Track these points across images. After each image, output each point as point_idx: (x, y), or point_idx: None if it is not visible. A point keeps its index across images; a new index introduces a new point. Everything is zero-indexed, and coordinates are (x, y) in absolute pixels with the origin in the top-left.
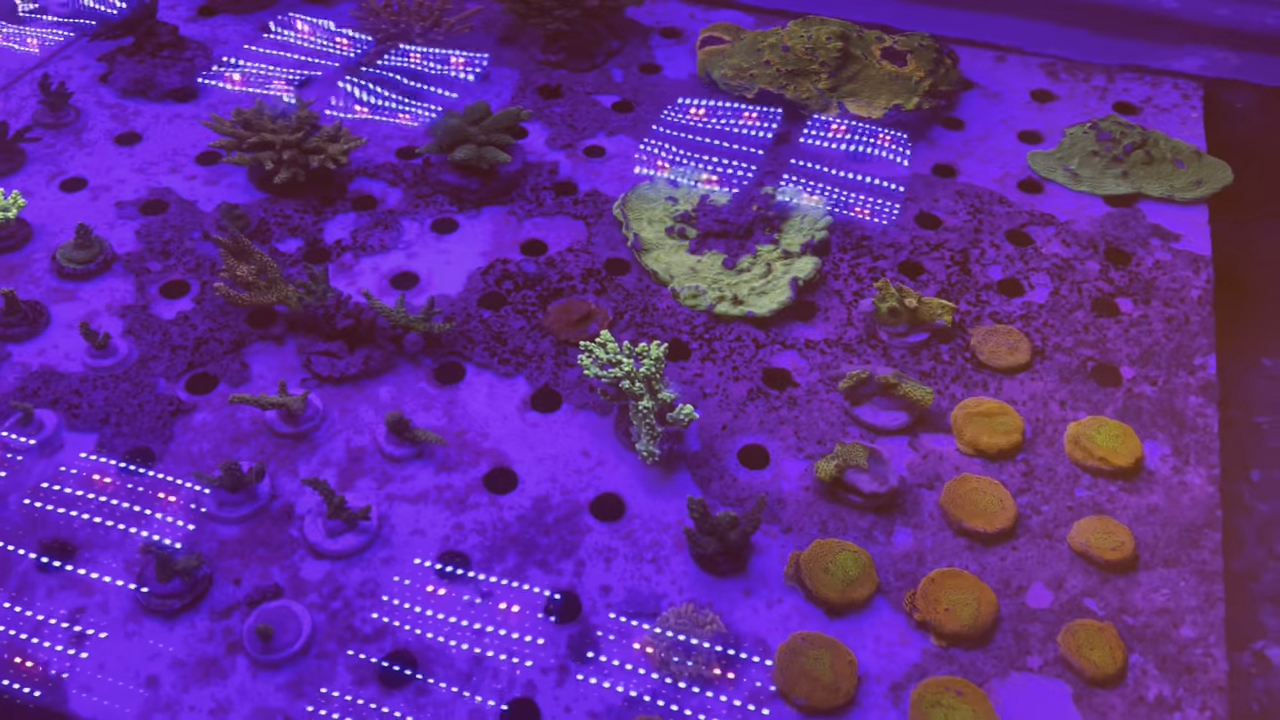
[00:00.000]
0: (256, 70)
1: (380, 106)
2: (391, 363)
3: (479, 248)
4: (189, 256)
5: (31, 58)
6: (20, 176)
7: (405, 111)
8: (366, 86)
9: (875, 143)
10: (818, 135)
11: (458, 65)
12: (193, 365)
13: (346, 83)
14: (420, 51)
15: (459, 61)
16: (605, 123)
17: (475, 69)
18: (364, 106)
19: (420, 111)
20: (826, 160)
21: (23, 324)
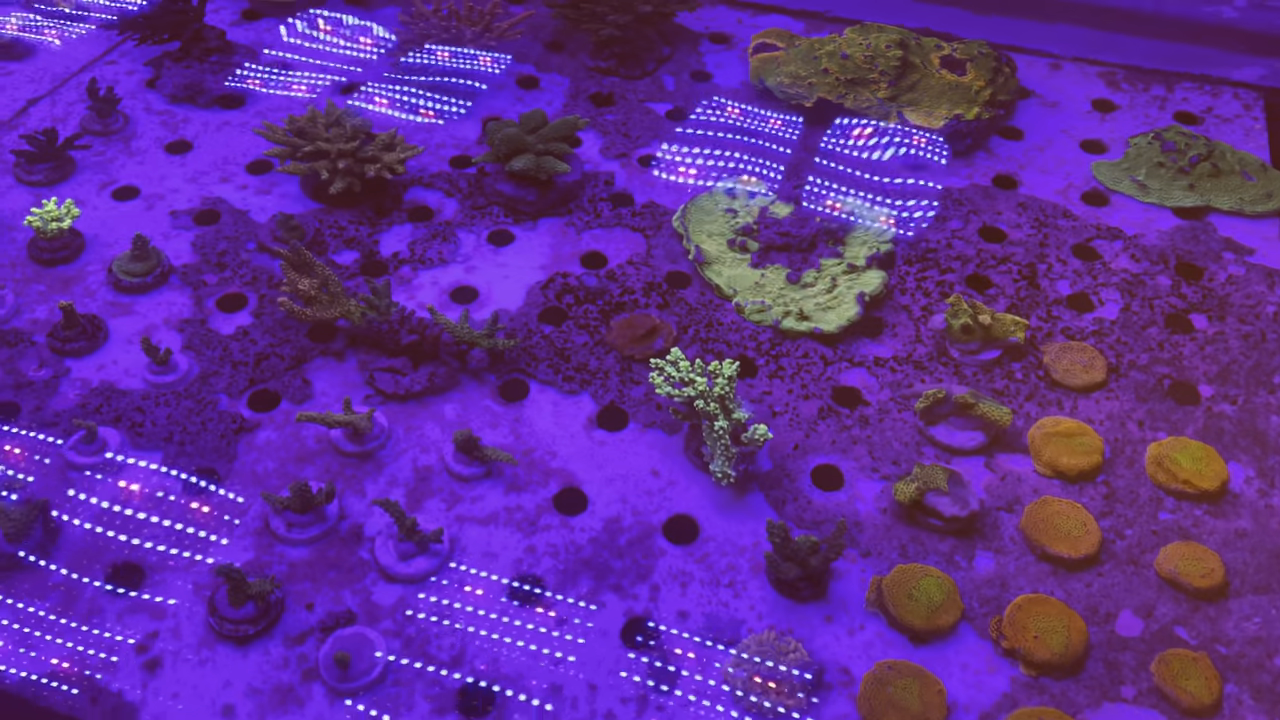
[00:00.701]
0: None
1: (426, 109)
2: (456, 379)
3: (537, 261)
4: (245, 269)
5: (76, 61)
6: (71, 185)
7: (442, 113)
8: (414, 91)
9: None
10: (842, 141)
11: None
12: (254, 382)
13: (383, 86)
14: (451, 51)
15: (486, 62)
16: (658, 131)
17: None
18: (427, 110)
19: (452, 111)
20: (860, 167)
21: (81, 339)
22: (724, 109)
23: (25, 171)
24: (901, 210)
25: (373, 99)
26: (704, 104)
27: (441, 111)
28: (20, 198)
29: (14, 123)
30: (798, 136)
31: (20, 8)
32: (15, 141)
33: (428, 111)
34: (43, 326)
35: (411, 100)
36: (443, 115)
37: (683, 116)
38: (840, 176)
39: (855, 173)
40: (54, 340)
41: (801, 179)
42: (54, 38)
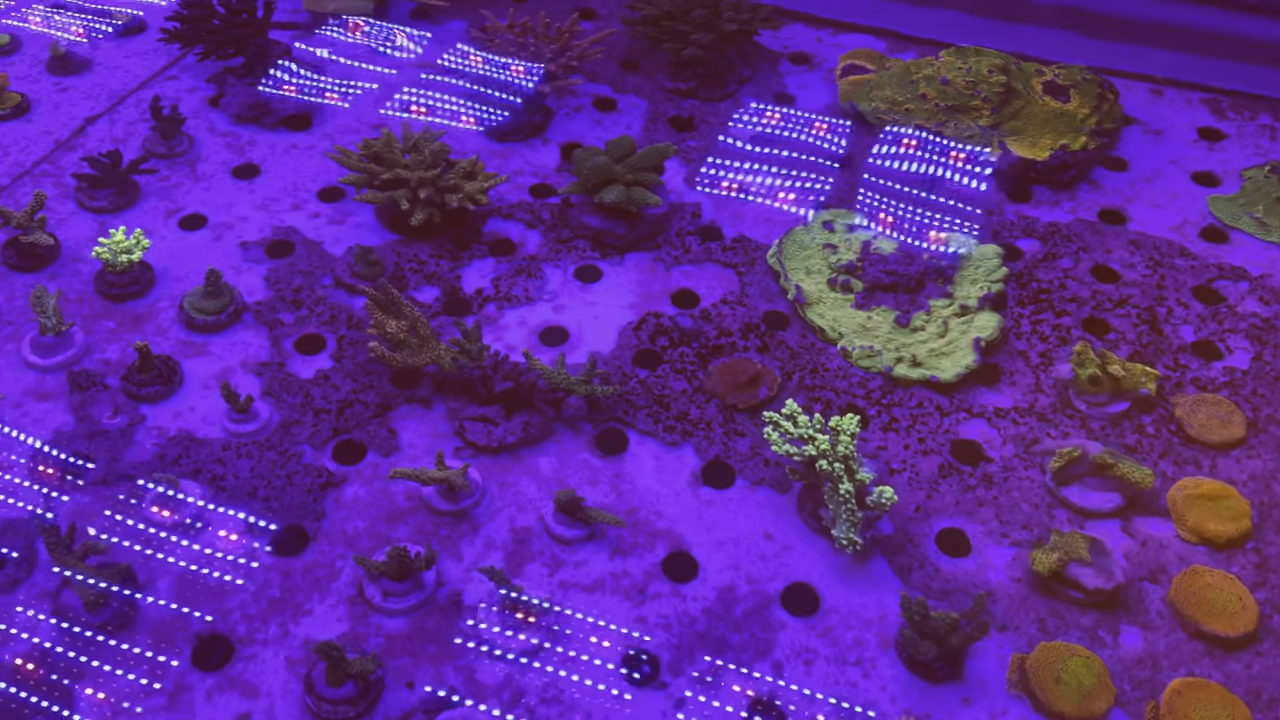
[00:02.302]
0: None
1: (466, 115)
2: (550, 429)
3: (627, 299)
4: (322, 306)
5: (134, 76)
6: (136, 212)
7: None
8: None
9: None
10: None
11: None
12: (338, 432)
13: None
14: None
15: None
16: (744, 157)
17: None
18: (468, 117)
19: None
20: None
21: (157, 382)
22: (813, 134)
23: (88, 197)
24: (1005, 246)
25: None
26: (791, 128)
27: (482, 119)
28: (83, 225)
29: (72, 143)
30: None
31: (71, 13)
32: (76, 163)
33: (468, 118)
34: (115, 368)
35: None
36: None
37: (770, 141)
38: (939, 208)
39: (953, 204)
40: (128, 384)
41: (903, 210)
42: (108, 50)
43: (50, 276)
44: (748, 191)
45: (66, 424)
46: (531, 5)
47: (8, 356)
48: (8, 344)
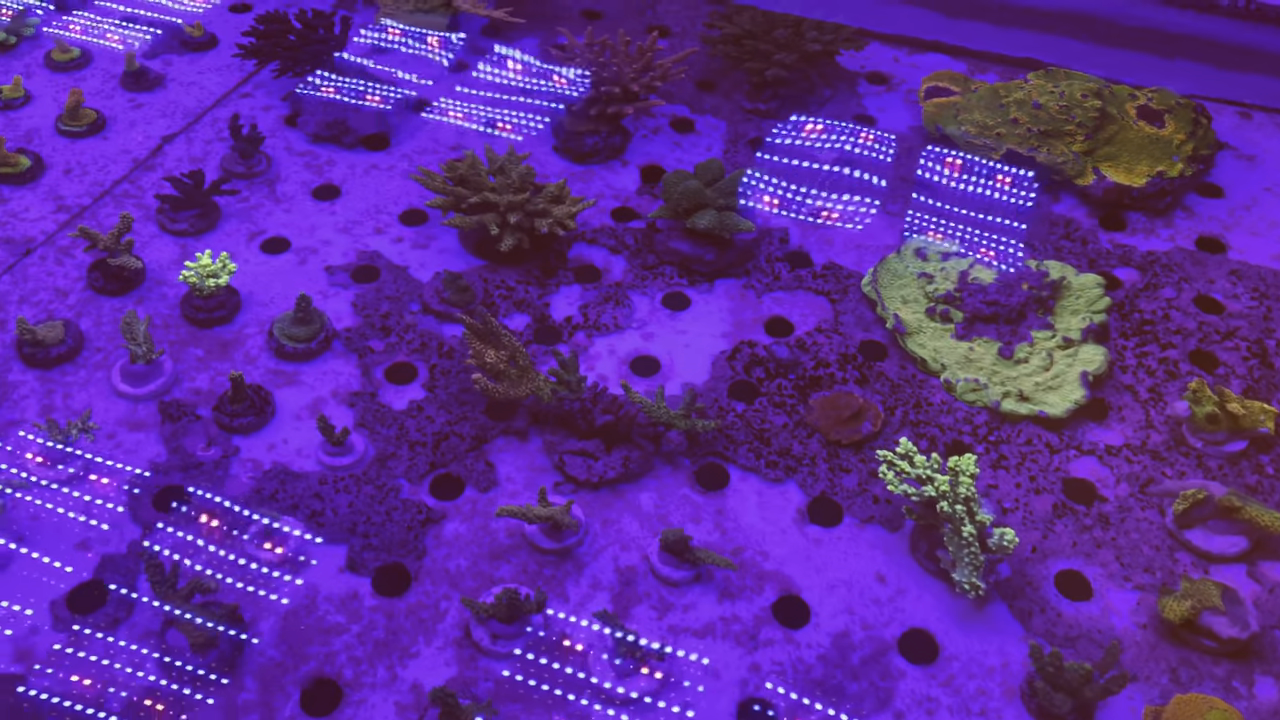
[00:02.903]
0: (447, 107)
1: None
2: (650, 464)
3: (718, 327)
4: (411, 334)
5: (209, 94)
6: (218, 235)
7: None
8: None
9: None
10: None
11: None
12: (435, 466)
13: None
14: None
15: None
16: (830, 182)
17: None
18: (504, 125)
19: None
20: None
21: (250, 413)
22: (896, 158)
23: (169, 219)
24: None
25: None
26: (878, 153)
27: (521, 127)
28: (165, 248)
29: (151, 163)
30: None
31: (141, 27)
32: (156, 183)
33: (504, 125)
34: (205, 398)
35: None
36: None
37: (854, 164)
38: (1035, 236)
39: (1048, 233)
40: (220, 414)
41: (999, 238)
42: (180, 66)
43: (137, 301)
44: (834, 216)
45: (160, 455)
46: (605, 23)
47: (98, 384)
48: (98, 371)
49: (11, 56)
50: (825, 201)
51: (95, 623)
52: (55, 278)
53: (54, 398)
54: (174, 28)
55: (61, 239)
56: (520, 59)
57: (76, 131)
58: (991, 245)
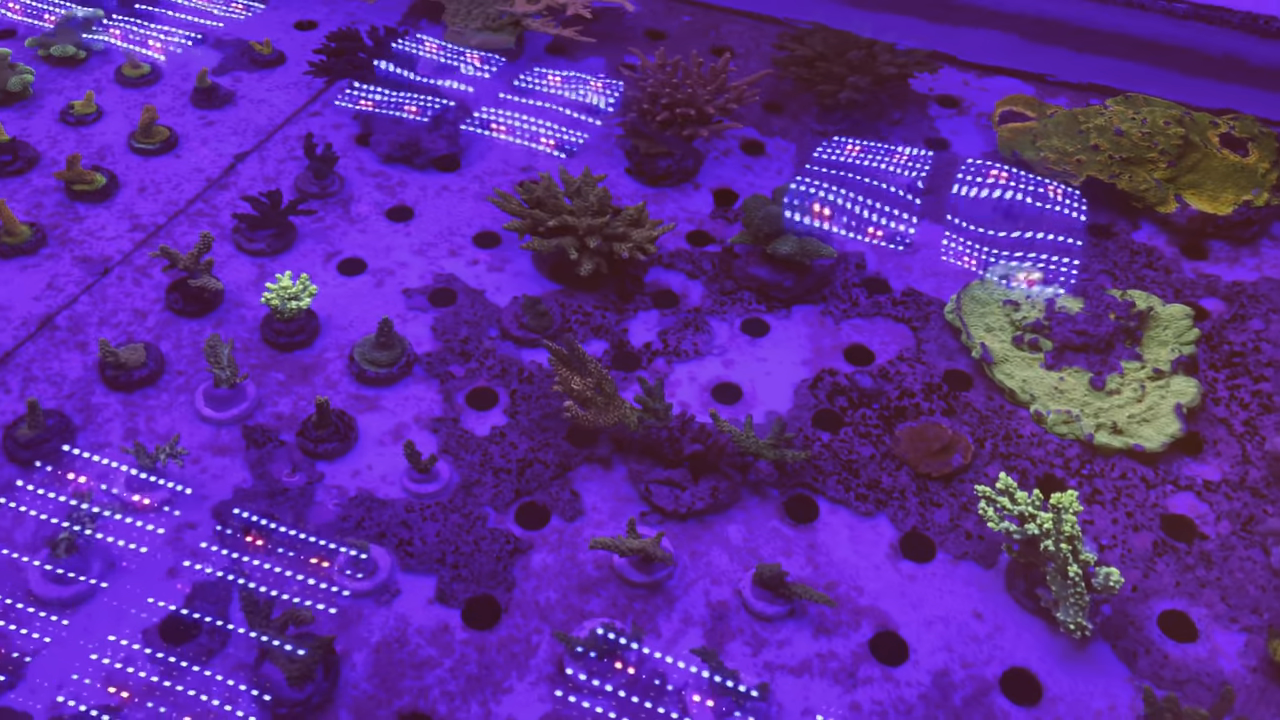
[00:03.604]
0: (514, 123)
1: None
2: (737, 494)
3: (798, 354)
4: (491, 359)
5: (279, 111)
6: (294, 255)
7: (563, 145)
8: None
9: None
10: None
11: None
12: (520, 493)
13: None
14: (564, 76)
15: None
16: (903, 207)
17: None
18: (547, 140)
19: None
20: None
21: (334, 439)
22: (982, 183)
23: (246, 239)
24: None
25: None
26: (960, 177)
27: (564, 142)
28: (242, 268)
29: (224, 181)
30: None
31: (210, 50)
32: (230, 202)
33: (548, 141)
34: (287, 423)
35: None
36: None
37: (928, 190)
38: (1120, 264)
39: (1132, 262)
40: (304, 440)
41: (1084, 267)
42: (249, 85)
43: (216, 323)
44: (908, 241)
45: (245, 481)
46: (669, 43)
47: (181, 408)
48: (180, 395)
49: (81, 71)
50: (899, 225)
51: (188, 655)
52: (133, 298)
53: (137, 421)
54: (242, 44)
55: (138, 258)
56: (563, 75)
57: (149, 149)
58: (1049, 267)
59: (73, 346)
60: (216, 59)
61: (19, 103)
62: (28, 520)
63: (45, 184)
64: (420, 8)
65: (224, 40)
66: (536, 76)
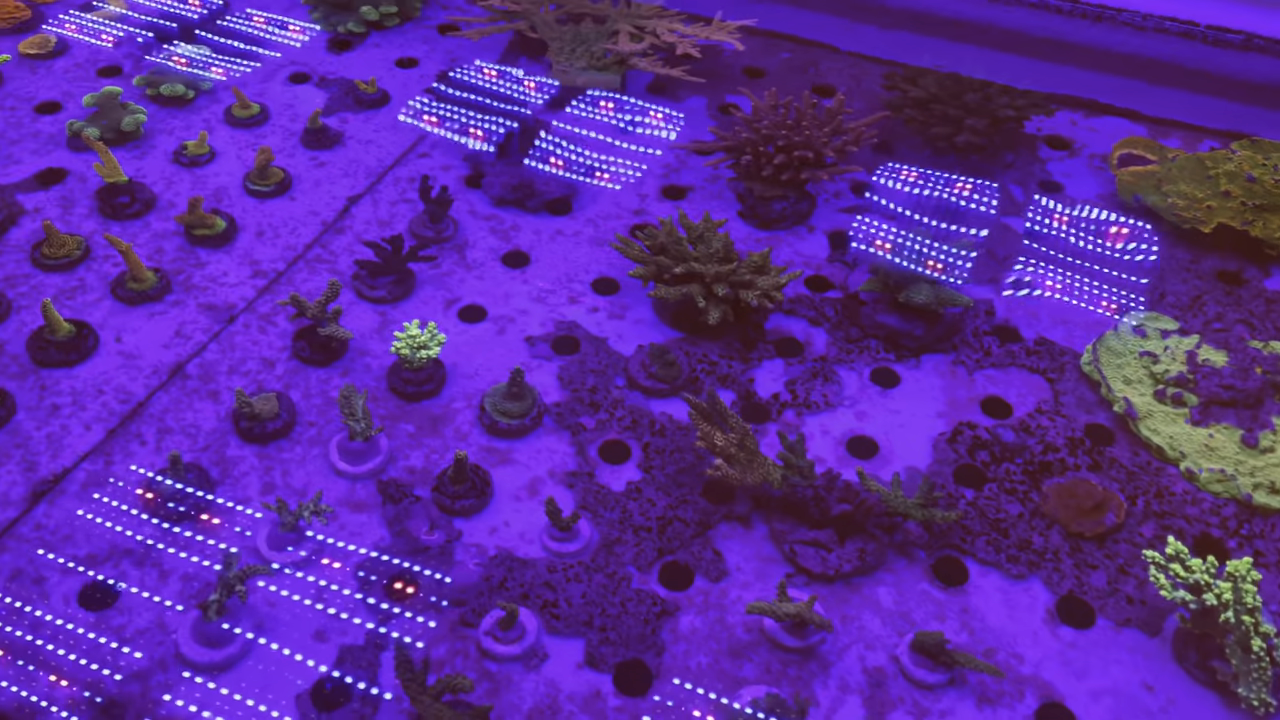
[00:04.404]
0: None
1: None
2: (883, 556)
3: (932, 406)
4: (620, 410)
5: (387, 153)
6: (415, 303)
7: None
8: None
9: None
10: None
11: None
12: (662, 553)
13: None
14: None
15: None
16: (1025, 252)
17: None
18: (602, 174)
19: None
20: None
21: (471, 495)
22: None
23: (367, 285)
24: None
25: (622, 176)
26: (1077, 224)
27: (618, 176)
28: (364, 315)
29: (339, 225)
30: (1195, 265)
31: (314, 85)
32: (347, 246)
33: (603, 175)
34: (420, 477)
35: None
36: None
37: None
38: (1257, 314)
39: (1269, 312)
40: (441, 496)
41: (1222, 318)
42: (355, 124)
43: (343, 372)
44: (1041, 288)
45: (384, 539)
46: (768, 81)
47: (315, 461)
48: (313, 448)
49: (190, 110)
50: (1026, 272)
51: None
52: (260, 347)
53: (273, 475)
54: (346, 83)
55: (262, 305)
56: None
57: (264, 191)
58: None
59: (204, 396)
60: (322, 98)
61: (131, 142)
62: (172, 579)
63: (164, 227)
64: (519, 45)
65: (328, 79)
66: (639, 115)
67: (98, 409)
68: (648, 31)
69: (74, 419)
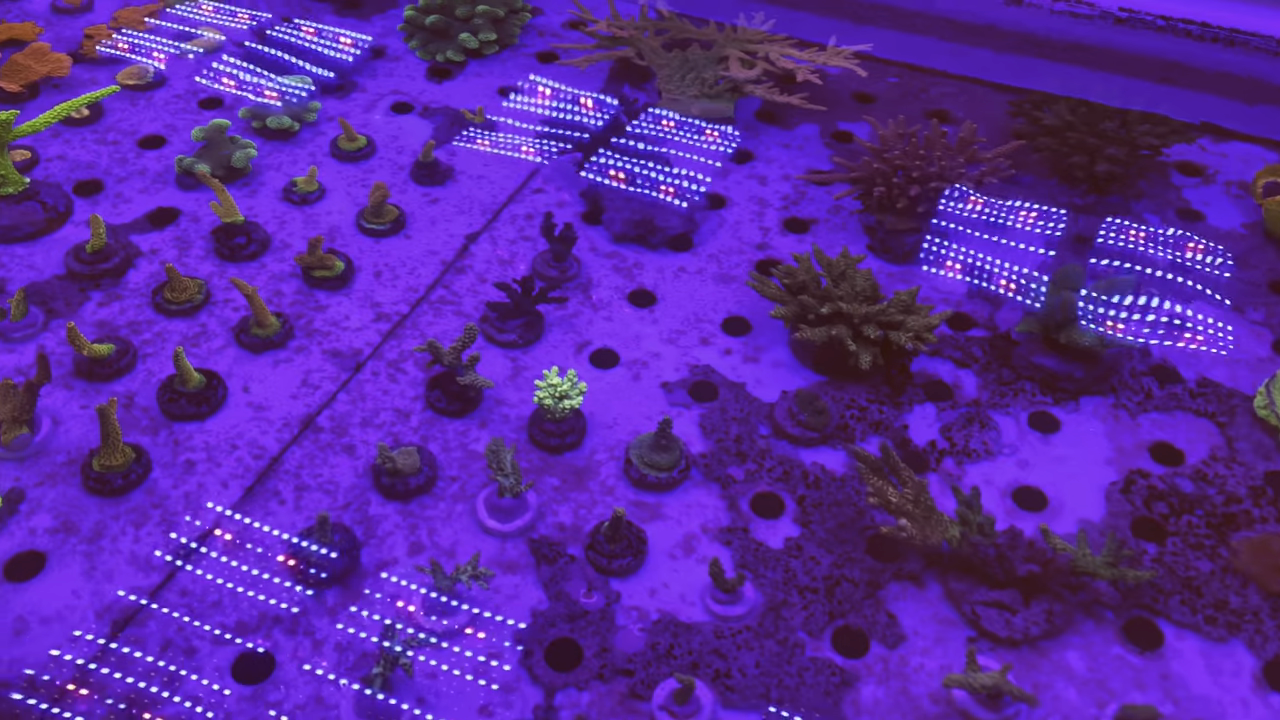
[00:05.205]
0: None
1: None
2: (1070, 617)
3: (1099, 453)
4: (769, 460)
5: (499, 189)
6: (545, 347)
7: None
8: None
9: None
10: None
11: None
12: (833, 616)
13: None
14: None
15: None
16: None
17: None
18: (668, 188)
19: None
20: None
21: (628, 553)
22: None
23: (497, 329)
24: None
25: (738, 206)
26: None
27: (682, 191)
28: (496, 361)
29: (459, 264)
30: None
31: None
32: (469, 287)
33: (668, 189)
34: (571, 534)
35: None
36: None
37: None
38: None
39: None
40: (596, 555)
41: None
42: (468, 158)
43: (480, 423)
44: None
45: (541, 602)
46: (880, 108)
47: (460, 519)
48: (457, 504)
49: (295, 144)
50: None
51: None
52: (392, 396)
53: (419, 534)
54: (451, 112)
55: (388, 351)
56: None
57: (380, 229)
58: None
59: (339, 450)
60: (427, 129)
61: (241, 179)
62: (326, 649)
63: (280, 269)
64: (621, 73)
65: (431, 108)
66: (750, 143)
67: (233, 465)
68: (758, 57)
69: (210, 476)
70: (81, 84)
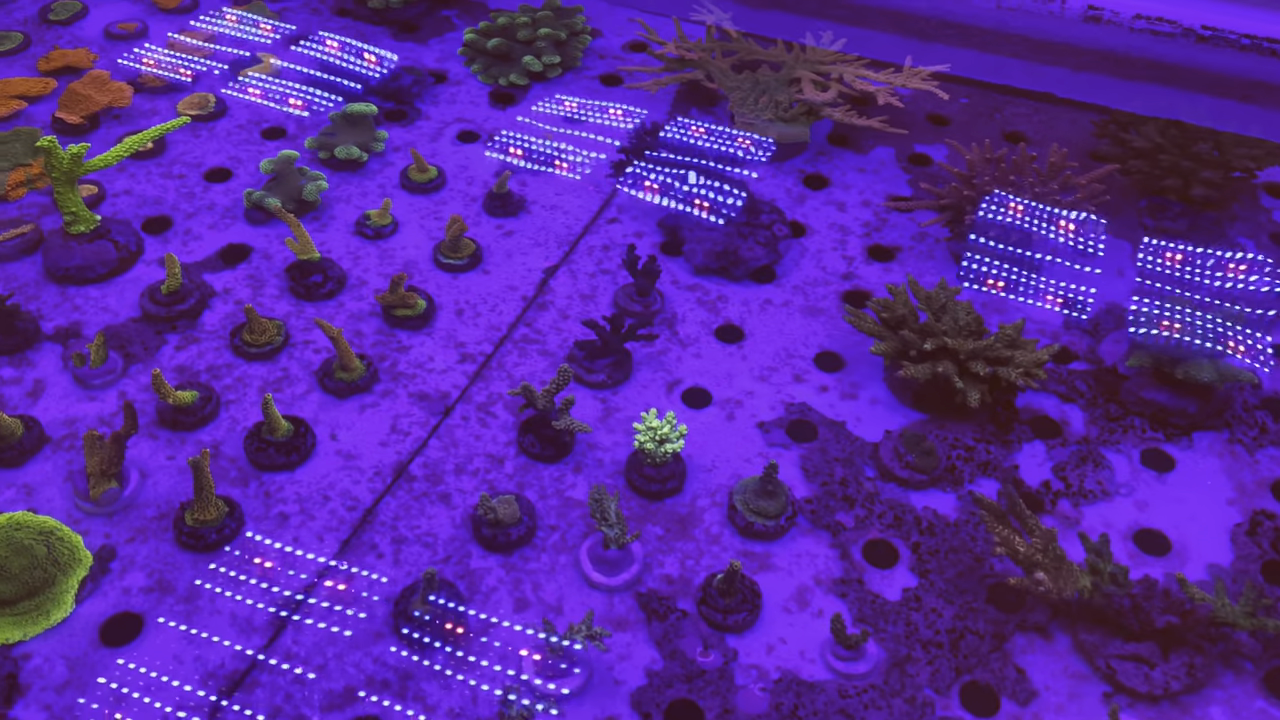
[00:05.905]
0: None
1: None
2: (1211, 670)
3: (1220, 493)
4: (878, 504)
5: (575, 219)
6: (634, 387)
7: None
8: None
9: None
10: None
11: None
12: (960, 672)
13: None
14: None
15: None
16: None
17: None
18: (703, 203)
19: None
20: None
21: (744, 608)
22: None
23: (585, 369)
24: None
25: (820, 235)
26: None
27: (719, 207)
28: (586, 403)
29: (542, 300)
30: None
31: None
32: (551, 323)
33: (703, 204)
34: (680, 587)
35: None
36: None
37: None
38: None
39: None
40: (710, 610)
41: None
42: (541, 189)
43: (574, 469)
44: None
45: (655, 662)
46: (954, 130)
47: (564, 571)
48: (560, 556)
49: (364, 175)
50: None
51: None
52: (484, 442)
53: (524, 589)
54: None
55: (476, 394)
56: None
57: (457, 264)
58: None
59: (435, 499)
60: (495, 160)
61: (311, 212)
62: (439, 715)
63: (358, 307)
64: (688, 95)
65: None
66: (822, 166)
67: (326, 517)
68: (831, 79)
69: (304, 529)
70: (142, 114)
